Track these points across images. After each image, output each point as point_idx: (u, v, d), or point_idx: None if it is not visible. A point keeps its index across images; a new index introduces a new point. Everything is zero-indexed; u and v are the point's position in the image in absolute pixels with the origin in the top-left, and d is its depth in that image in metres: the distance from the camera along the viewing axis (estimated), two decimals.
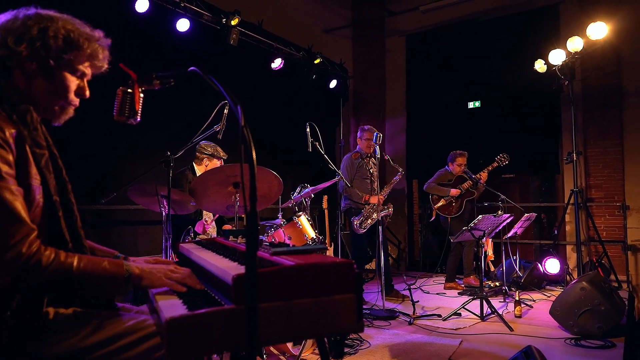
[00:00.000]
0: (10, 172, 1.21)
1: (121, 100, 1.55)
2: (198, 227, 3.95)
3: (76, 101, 1.46)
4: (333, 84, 8.01)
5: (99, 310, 1.47)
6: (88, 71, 1.45)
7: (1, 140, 1.20)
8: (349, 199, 5.36)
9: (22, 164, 1.27)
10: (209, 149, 4.22)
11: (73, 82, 1.42)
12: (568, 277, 6.09)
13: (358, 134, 5.50)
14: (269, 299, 1.22)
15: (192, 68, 1.36)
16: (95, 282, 1.32)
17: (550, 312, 4.11)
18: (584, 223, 6.71)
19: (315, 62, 7.33)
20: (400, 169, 5.27)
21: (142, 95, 1.57)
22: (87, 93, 1.48)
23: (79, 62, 1.41)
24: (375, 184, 5.32)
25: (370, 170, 5.32)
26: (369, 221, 5.18)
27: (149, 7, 4.99)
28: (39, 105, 1.39)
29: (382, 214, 5.07)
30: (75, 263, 1.27)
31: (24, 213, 1.23)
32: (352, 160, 5.41)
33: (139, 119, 1.58)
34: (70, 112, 1.47)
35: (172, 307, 1.35)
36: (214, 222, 4.15)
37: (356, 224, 5.19)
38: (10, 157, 1.22)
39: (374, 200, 5.15)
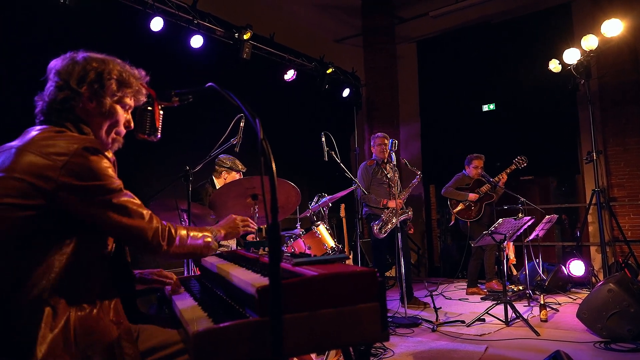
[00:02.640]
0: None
1: (141, 118, 1.59)
2: None
3: (124, 132, 1.59)
4: (346, 92, 8.04)
5: (135, 323, 1.50)
6: (132, 104, 1.58)
7: (110, 162, 1.41)
8: (367, 206, 5.39)
9: None
10: (228, 162, 4.26)
11: (122, 115, 1.55)
12: (594, 279, 5.97)
13: (371, 142, 5.58)
14: (293, 310, 1.22)
15: (210, 84, 1.38)
16: (203, 246, 1.65)
17: (578, 316, 4.03)
18: (607, 223, 6.58)
19: (328, 71, 7.38)
20: (419, 172, 5.30)
21: (161, 112, 1.60)
22: (132, 124, 1.61)
23: (128, 98, 1.54)
24: (395, 188, 5.33)
25: (388, 176, 5.35)
26: (389, 225, 5.18)
27: (163, 26, 5.09)
28: (96, 137, 1.52)
29: (402, 217, 5.06)
30: (184, 231, 1.55)
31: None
32: (367, 168, 5.48)
33: (159, 136, 1.61)
34: (121, 141, 1.60)
35: (197, 320, 1.37)
36: None
37: (376, 229, 5.19)
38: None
39: (392, 204, 5.15)
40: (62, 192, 1.28)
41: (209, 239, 1.66)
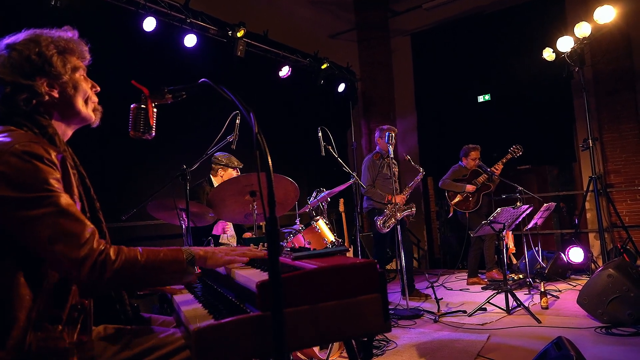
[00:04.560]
0: (60, 187, 1.27)
1: (135, 116, 1.57)
2: (217, 230, 3.96)
3: (95, 97, 1.53)
4: (341, 87, 8.03)
5: (129, 324, 1.49)
6: (83, 66, 1.50)
7: (47, 160, 1.25)
8: (370, 200, 5.35)
9: (67, 183, 1.33)
10: (223, 160, 4.26)
11: (83, 81, 1.48)
12: (593, 265, 6.00)
13: (376, 134, 5.50)
14: (294, 303, 1.22)
15: (203, 79, 1.37)
16: (160, 269, 1.34)
17: (578, 302, 4.04)
18: (605, 209, 6.60)
19: (322, 67, 7.36)
20: (421, 169, 5.28)
21: (155, 110, 1.59)
22: (98, 86, 1.54)
23: (77, 62, 1.47)
24: (397, 183, 5.34)
25: (393, 170, 5.34)
26: (392, 220, 5.17)
27: (156, 26, 5.07)
28: (77, 115, 1.46)
29: (405, 213, 5.07)
30: (138, 253, 1.30)
31: (82, 216, 1.28)
32: (373, 161, 5.42)
33: (154, 134, 1.60)
34: (100, 109, 1.54)
35: (198, 317, 1.37)
36: (232, 229, 4.18)
37: (379, 224, 5.17)
38: (58, 175, 1.28)
39: (397, 199, 5.15)
40: None
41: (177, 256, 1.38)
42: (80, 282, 1.25)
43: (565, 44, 5.84)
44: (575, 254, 5.96)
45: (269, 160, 1.07)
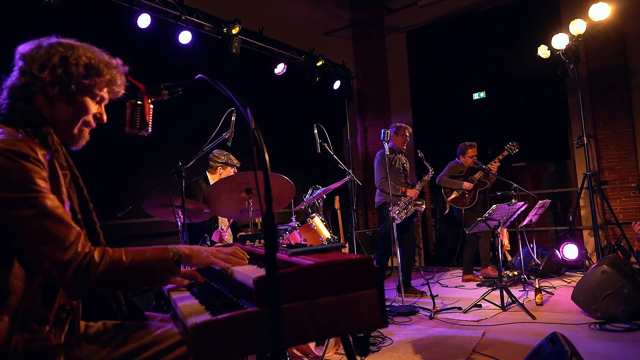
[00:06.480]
0: (46, 187, 1.25)
1: (132, 113, 1.57)
2: (215, 236, 3.96)
3: (93, 124, 1.50)
4: (337, 85, 8.02)
5: (127, 321, 1.49)
6: (106, 96, 1.49)
7: (34, 159, 1.23)
8: (383, 193, 5.37)
9: (54, 183, 1.30)
10: (222, 157, 4.25)
11: (92, 106, 1.46)
12: (587, 261, 6.03)
13: (391, 130, 5.47)
14: (291, 299, 1.22)
15: (199, 75, 1.37)
16: (146, 269, 1.32)
17: (572, 298, 4.07)
18: (599, 206, 6.64)
19: (318, 64, 7.35)
20: (431, 168, 5.35)
21: (151, 106, 1.59)
22: (105, 118, 1.51)
23: (98, 88, 1.45)
24: (409, 178, 5.38)
25: (404, 166, 5.39)
26: (405, 212, 5.18)
27: (150, 22, 5.05)
28: (60, 129, 1.42)
29: (417, 208, 5.12)
30: (123, 254, 1.28)
31: (68, 218, 1.26)
32: (386, 156, 5.45)
33: (150, 130, 1.60)
34: (87, 136, 1.50)
35: (195, 313, 1.37)
36: (230, 230, 4.17)
37: (393, 214, 5.16)
38: (44, 174, 1.26)
39: (410, 193, 5.18)
40: None
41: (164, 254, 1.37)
42: (64, 286, 1.23)
43: (560, 41, 5.85)
44: (570, 251, 5.99)
45: (266, 156, 1.06)
